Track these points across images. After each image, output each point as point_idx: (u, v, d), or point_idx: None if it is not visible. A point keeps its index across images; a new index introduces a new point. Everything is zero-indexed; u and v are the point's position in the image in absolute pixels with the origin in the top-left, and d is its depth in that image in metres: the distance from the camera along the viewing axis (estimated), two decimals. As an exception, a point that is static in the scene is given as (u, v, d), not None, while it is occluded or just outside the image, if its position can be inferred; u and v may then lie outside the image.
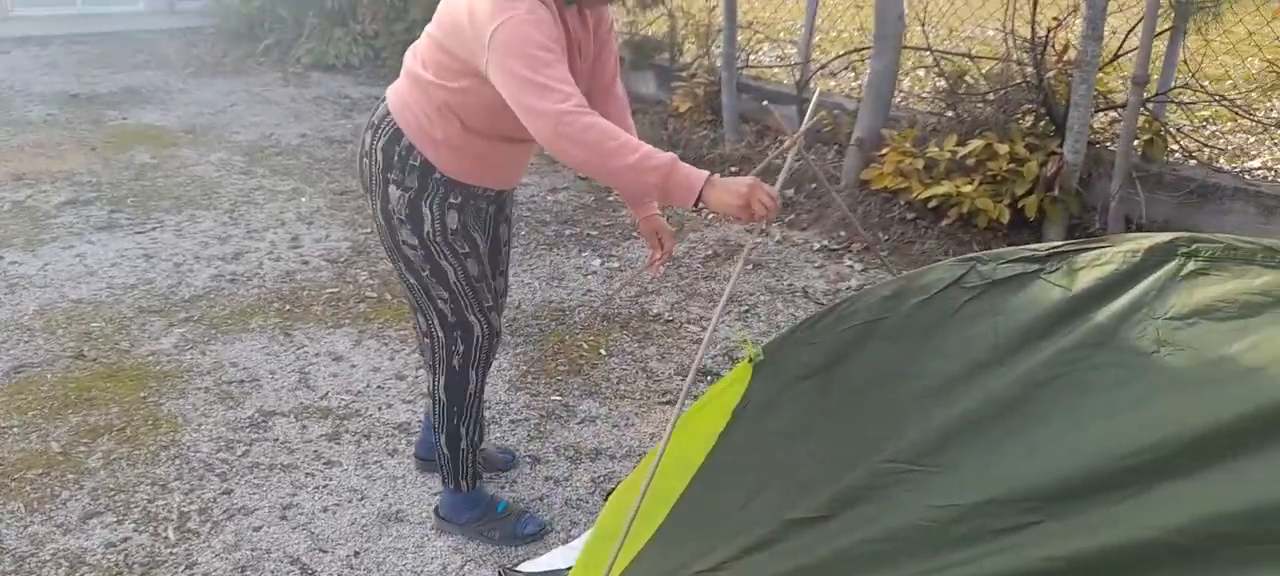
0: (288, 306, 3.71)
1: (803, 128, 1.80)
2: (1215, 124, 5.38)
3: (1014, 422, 1.34)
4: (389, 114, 2.15)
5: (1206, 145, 4.75)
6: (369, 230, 4.50)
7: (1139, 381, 1.27)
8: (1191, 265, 1.32)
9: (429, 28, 2.13)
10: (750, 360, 1.85)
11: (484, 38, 1.87)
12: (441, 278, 2.18)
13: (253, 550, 2.39)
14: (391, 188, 2.12)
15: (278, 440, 2.84)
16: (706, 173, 1.84)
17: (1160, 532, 1.15)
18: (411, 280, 2.21)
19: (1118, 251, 1.39)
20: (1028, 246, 1.52)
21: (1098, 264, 1.39)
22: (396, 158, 2.11)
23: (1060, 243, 1.47)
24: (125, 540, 2.42)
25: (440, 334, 2.26)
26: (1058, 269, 1.44)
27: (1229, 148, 5.06)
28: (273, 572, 2.32)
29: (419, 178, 2.11)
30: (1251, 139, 5.19)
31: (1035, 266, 1.47)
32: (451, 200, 2.14)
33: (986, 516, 1.29)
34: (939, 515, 1.34)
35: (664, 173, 1.81)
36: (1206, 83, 4.65)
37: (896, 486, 1.42)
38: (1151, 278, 1.34)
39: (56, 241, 4.26)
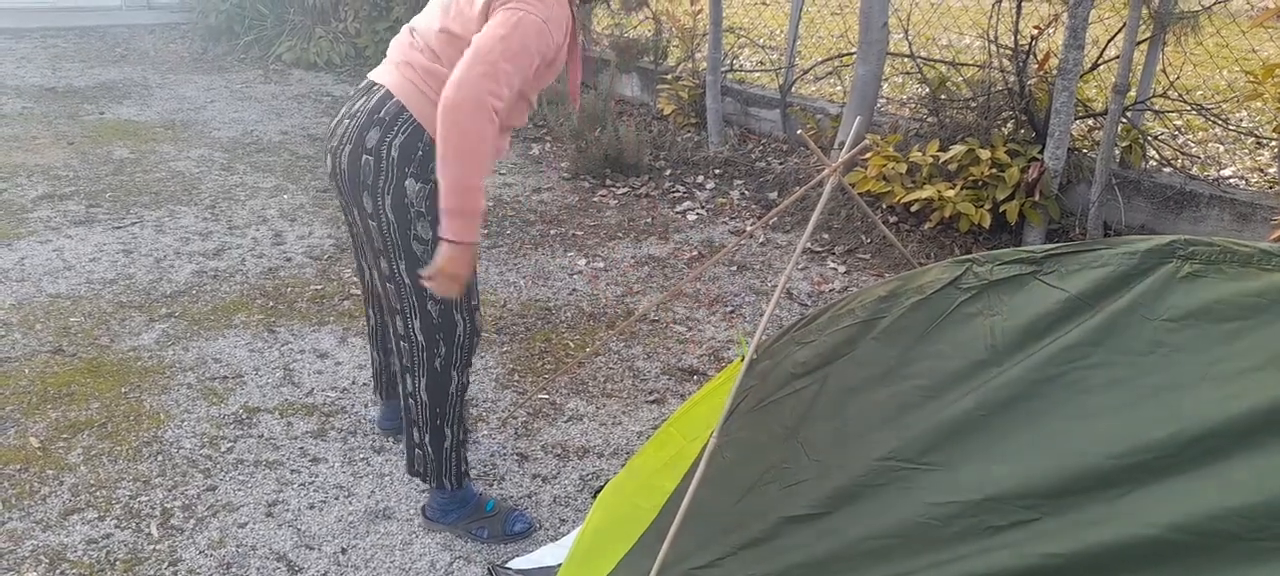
0: (271, 303, 3.68)
1: (842, 157, 1.80)
2: (1187, 133, 5.46)
3: (1011, 421, 1.35)
4: (404, 110, 2.11)
5: (1182, 153, 4.82)
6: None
7: (1136, 382, 1.29)
8: (1188, 267, 1.34)
9: (430, 22, 2.13)
10: (743, 358, 1.86)
11: (493, 6, 1.97)
12: None
13: (238, 547, 2.37)
14: (409, 181, 2.11)
15: (263, 436, 2.82)
16: (476, 234, 2.07)
17: (1159, 529, 1.17)
18: (407, 280, 2.18)
19: (1115, 253, 1.40)
20: (1024, 248, 1.53)
21: (1094, 265, 1.41)
22: (418, 152, 2.10)
23: (1056, 244, 1.49)
24: (107, 536, 2.39)
25: (421, 338, 2.24)
26: (1054, 270, 1.45)
27: (1203, 156, 5.14)
28: (258, 569, 2.30)
29: None
30: (1223, 148, 5.28)
31: (1032, 268, 1.48)
32: None
33: (985, 513, 1.30)
34: (937, 512, 1.35)
35: (473, 211, 2.01)
36: (1182, 93, 4.72)
37: (893, 484, 1.43)
38: (1148, 279, 1.35)
39: (33, 235, 4.20)
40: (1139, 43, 4.11)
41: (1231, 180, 4.69)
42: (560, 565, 2.08)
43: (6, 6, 8.88)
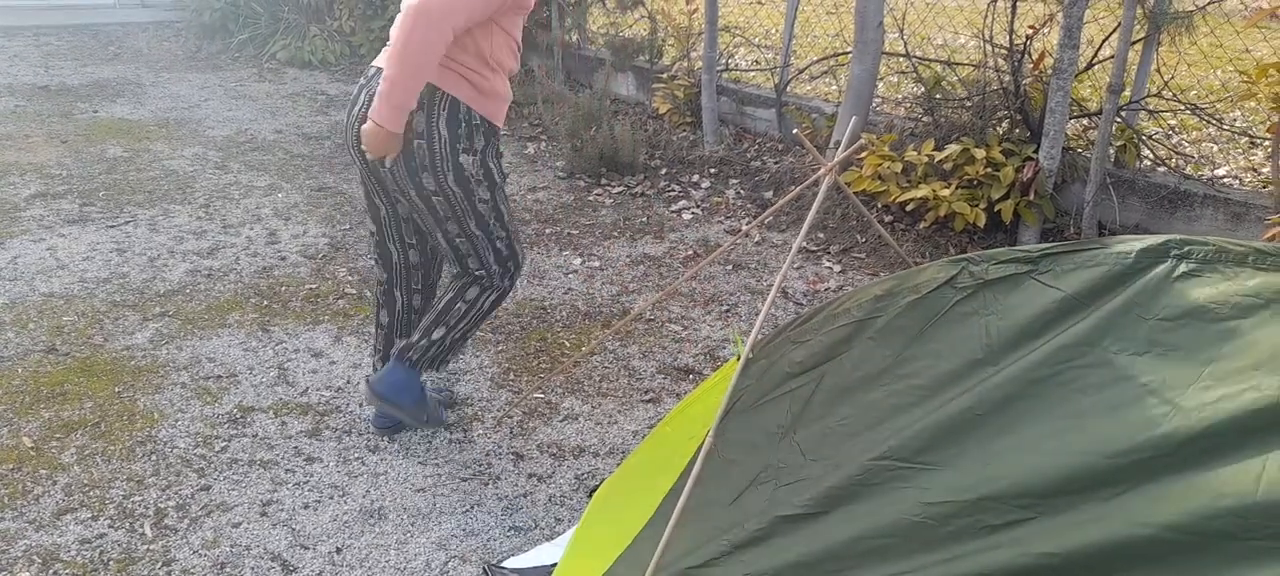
0: (265, 302, 3.67)
1: (838, 156, 1.80)
2: (1181, 133, 5.48)
3: (1007, 420, 1.36)
4: (438, 90, 2.38)
5: (1176, 153, 4.84)
6: (347, 226, 4.46)
7: (1131, 381, 1.29)
8: (1183, 267, 1.34)
9: None
10: (738, 357, 1.86)
11: None
12: (500, 217, 2.55)
13: (232, 546, 2.37)
14: (464, 156, 2.43)
15: (257, 436, 2.81)
16: (402, 125, 2.33)
17: (1155, 528, 1.17)
18: (478, 232, 2.53)
19: (1109, 253, 1.41)
20: (1019, 247, 1.54)
21: (1090, 265, 1.41)
22: (462, 126, 2.41)
23: (1051, 244, 1.49)
24: (100, 536, 2.38)
25: (495, 266, 2.61)
26: (1050, 270, 1.46)
27: (1197, 155, 5.15)
28: (253, 569, 2.30)
29: (484, 136, 2.46)
30: (1216, 148, 5.29)
31: (1027, 267, 1.48)
32: (497, 147, 2.53)
33: (981, 512, 1.30)
34: (933, 511, 1.35)
35: (401, 105, 2.28)
36: (1176, 93, 4.73)
37: (889, 483, 1.43)
38: (1143, 279, 1.36)
39: (26, 234, 4.18)
40: (1133, 43, 4.12)
41: (1225, 180, 4.70)
42: (556, 564, 2.08)
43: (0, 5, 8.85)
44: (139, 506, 2.49)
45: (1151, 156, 4.61)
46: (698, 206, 4.96)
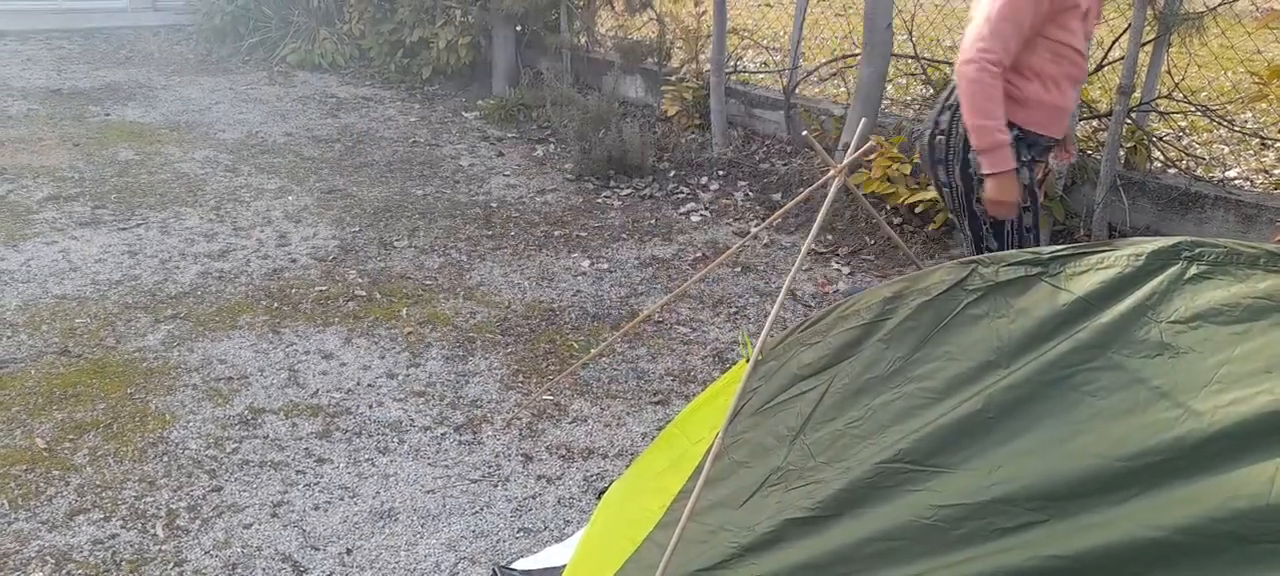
0: (276, 304, 3.68)
1: (847, 158, 1.80)
2: (1192, 134, 5.45)
3: (1018, 423, 1.35)
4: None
5: (1187, 155, 4.81)
6: (357, 228, 4.48)
7: (1143, 384, 1.29)
8: (1194, 269, 1.34)
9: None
10: (747, 359, 1.86)
11: None
12: (999, 230, 2.71)
13: (243, 547, 2.38)
14: (973, 155, 2.60)
15: (268, 437, 2.82)
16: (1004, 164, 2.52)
17: (1166, 532, 1.17)
18: (969, 233, 2.77)
19: (1121, 255, 1.40)
20: (1029, 249, 1.53)
21: (1101, 267, 1.41)
22: None
23: (1063, 246, 1.49)
24: (113, 537, 2.39)
25: (994, 243, 2.77)
26: (1060, 272, 1.45)
27: (1207, 157, 5.13)
28: (264, 570, 2.31)
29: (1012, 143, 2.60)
30: (1227, 149, 5.26)
31: (1038, 269, 1.48)
32: (1036, 157, 2.70)
33: (992, 515, 1.30)
34: (944, 514, 1.35)
35: (990, 146, 2.51)
36: (1187, 94, 4.71)
37: (900, 486, 1.43)
38: (1155, 281, 1.35)
39: (39, 237, 4.21)
40: (1144, 44, 4.11)
41: (1236, 181, 4.68)
42: (565, 566, 2.08)
43: (13, 9, 8.90)
44: (151, 507, 2.51)
45: (1162, 158, 4.59)
46: (706, 208, 4.96)
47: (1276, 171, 4.80)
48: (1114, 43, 4.41)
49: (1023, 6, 2.47)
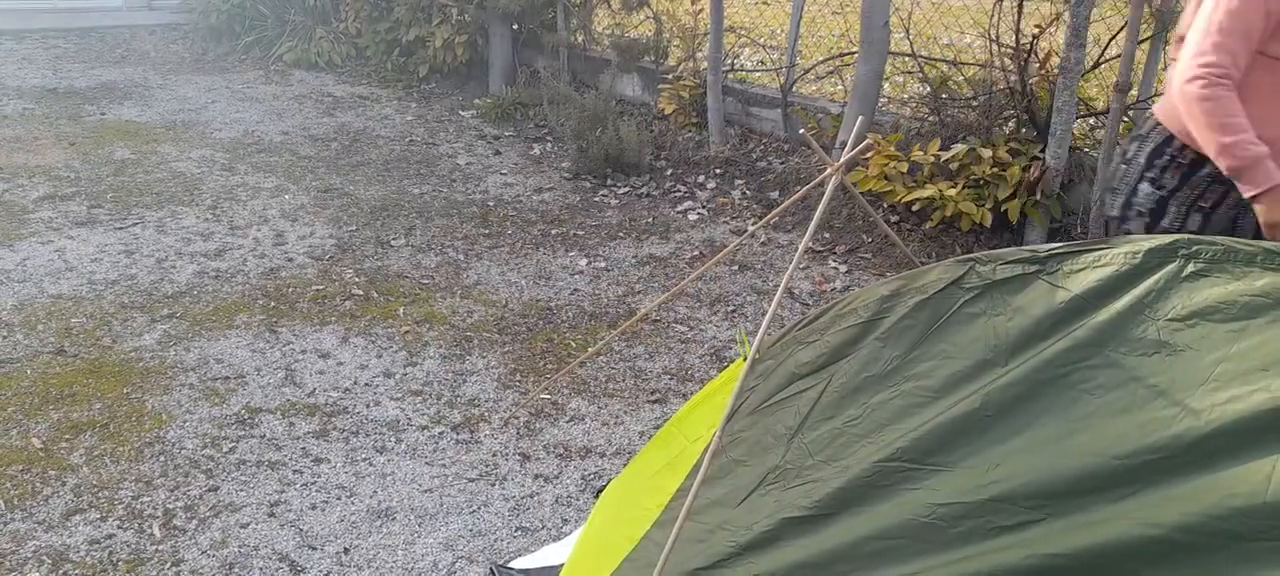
0: (273, 303, 3.68)
1: (844, 156, 1.80)
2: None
3: (1016, 421, 1.35)
4: (1157, 123, 2.38)
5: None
6: (353, 227, 4.47)
7: (1140, 382, 1.29)
8: (1192, 267, 1.33)
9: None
10: (745, 357, 1.86)
11: None
12: None
13: (241, 547, 2.37)
14: (1143, 184, 2.40)
15: (265, 437, 2.82)
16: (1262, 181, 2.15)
17: (1164, 530, 1.17)
18: None
19: (1118, 253, 1.40)
20: (1027, 247, 1.53)
21: (1098, 265, 1.41)
22: (1164, 158, 2.35)
23: (1060, 244, 1.49)
24: (109, 537, 2.39)
25: None
26: (1058, 270, 1.45)
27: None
28: (261, 570, 2.30)
29: (1180, 175, 2.35)
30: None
31: (1035, 267, 1.48)
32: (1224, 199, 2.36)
33: (990, 514, 1.30)
34: (942, 513, 1.35)
35: (1241, 165, 2.14)
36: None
37: (898, 484, 1.43)
38: (1152, 279, 1.35)
39: (35, 236, 4.20)
40: (1141, 41, 4.10)
41: (1233, 179, 4.69)
42: (563, 565, 2.08)
43: (8, 8, 8.87)
44: (147, 507, 2.50)
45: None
46: (703, 207, 4.96)
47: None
48: (1110, 40, 4.41)
49: (1253, 11, 2.12)
